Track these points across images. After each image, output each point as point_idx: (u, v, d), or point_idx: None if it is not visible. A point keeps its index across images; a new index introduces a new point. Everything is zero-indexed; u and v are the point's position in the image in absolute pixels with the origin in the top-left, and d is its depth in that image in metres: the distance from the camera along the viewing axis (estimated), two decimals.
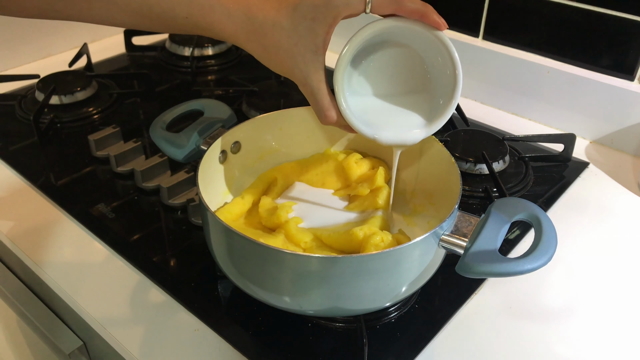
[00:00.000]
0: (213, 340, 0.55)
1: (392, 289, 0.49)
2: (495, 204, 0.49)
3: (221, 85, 1.02)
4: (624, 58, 0.82)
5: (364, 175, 0.63)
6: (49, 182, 0.76)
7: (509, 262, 0.44)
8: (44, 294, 0.69)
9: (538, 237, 0.46)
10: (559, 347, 0.55)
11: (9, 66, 1.07)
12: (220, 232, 0.49)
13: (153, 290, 0.61)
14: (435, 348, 0.54)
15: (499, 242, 0.46)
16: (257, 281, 0.50)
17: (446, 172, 0.56)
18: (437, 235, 0.48)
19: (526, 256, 0.44)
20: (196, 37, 1.09)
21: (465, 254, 0.46)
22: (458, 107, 0.89)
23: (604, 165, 0.83)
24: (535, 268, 0.44)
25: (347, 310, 0.51)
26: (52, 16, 0.48)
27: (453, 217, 0.49)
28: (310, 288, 0.48)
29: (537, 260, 0.44)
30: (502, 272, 0.44)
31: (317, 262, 0.46)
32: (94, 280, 0.62)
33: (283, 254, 0.46)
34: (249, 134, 0.63)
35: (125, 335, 0.56)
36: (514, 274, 0.44)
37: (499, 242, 0.46)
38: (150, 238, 0.67)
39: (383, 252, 0.46)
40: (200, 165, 0.55)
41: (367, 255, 0.47)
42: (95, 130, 0.82)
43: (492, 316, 0.58)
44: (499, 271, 0.44)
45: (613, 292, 0.61)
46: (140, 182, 0.74)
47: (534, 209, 0.48)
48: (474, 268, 0.44)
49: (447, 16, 1.02)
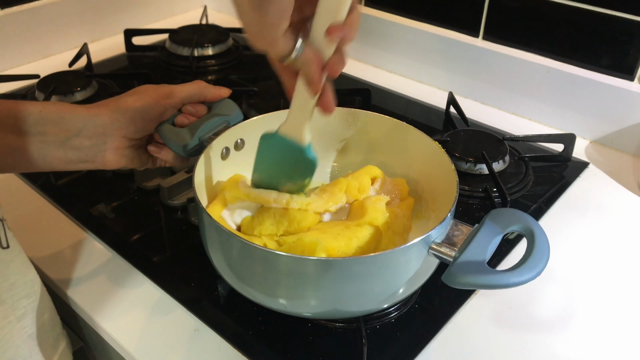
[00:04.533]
0: (213, 340, 0.55)
1: (386, 291, 0.49)
2: (490, 214, 0.48)
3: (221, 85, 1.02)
4: (624, 58, 0.82)
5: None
6: (49, 182, 0.76)
7: (495, 274, 0.43)
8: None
9: (529, 250, 0.45)
10: (559, 347, 0.55)
11: (9, 66, 1.07)
12: (214, 231, 0.49)
13: (153, 290, 0.61)
14: (435, 348, 0.55)
15: (489, 253, 0.45)
16: (254, 283, 0.50)
17: (445, 177, 0.56)
18: (427, 243, 0.47)
19: (514, 269, 0.43)
20: (196, 37, 1.09)
21: (453, 263, 0.45)
22: (458, 107, 0.89)
23: (604, 165, 0.83)
24: (522, 282, 0.43)
25: (342, 312, 0.51)
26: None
27: (444, 225, 0.48)
28: (304, 290, 0.48)
29: (524, 274, 0.43)
30: (487, 284, 0.43)
31: (312, 264, 0.46)
32: (93, 281, 0.62)
33: (277, 256, 0.46)
34: (254, 131, 0.63)
35: (125, 335, 0.56)
36: (500, 286, 0.43)
37: (489, 253, 0.45)
38: (150, 238, 0.67)
39: (373, 255, 0.46)
40: (199, 161, 0.55)
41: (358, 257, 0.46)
42: None
43: (492, 317, 0.58)
44: (484, 283, 0.43)
45: (612, 293, 0.61)
46: (141, 182, 0.74)
47: (528, 221, 0.47)
48: (458, 278, 0.44)
49: (447, 16, 1.02)
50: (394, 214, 0.57)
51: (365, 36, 1.08)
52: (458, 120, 0.89)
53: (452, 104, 0.90)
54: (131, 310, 0.58)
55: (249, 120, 0.61)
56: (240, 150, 0.63)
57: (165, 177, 0.74)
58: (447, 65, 0.99)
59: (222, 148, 0.60)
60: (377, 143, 0.65)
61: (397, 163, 0.64)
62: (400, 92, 1.00)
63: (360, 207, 0.58)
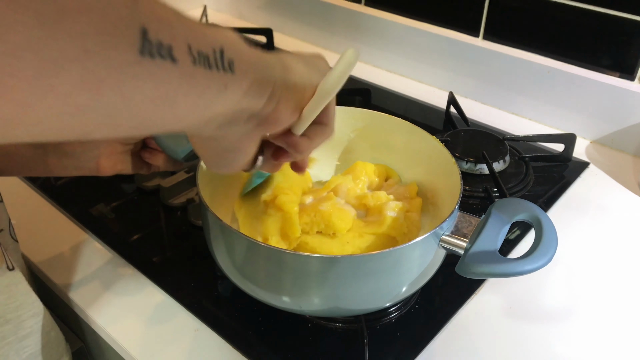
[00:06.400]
0: (213, 340, 0.55)
1: (392, 288, 0.49)
2: (495, 205, 0.49)
3: None
4: (624, 58, 0.82)
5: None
6: (49, 182, 0.76)
7: (508, 262, 0.44)
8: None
9: (538, 237, 0.46)
10: (559, 348, 0.55)
11: None
12: (220, 231, 0.49)
13: (153, 290, 0.60)
14: (436, 348, 0.54)
15: (499, 242, 0.46)
16: (258, 281, 0.50)
17: (447, 173, 0.56)
18: (437, 236, 0.47)
19: (526, 257, 0.44)
20: None
21: (465, 254, 0.46)
22: (458, 106, 0.89)
23: (604, 165, 0.83)
24: (536, 269, 0.44)
25: (347, 310, 0.51)
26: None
27: (453, 218, 0.48)
28: (309, 287, 0.48)
29: (537, 261, 0.44)
30: (501, 273, 0.44)
31: (317, 261, 0.46)
32: (93, 281, 0.62)
33: (283, 254, 0.46)
34: None
35: (125, 336, 0.56)
36: (514, 274, 0.44)
37: (499, 242, 0.46)
38: (150, 238, 0.67)
39: (383, 252, 0.46)
40: (201, 163, 0.54)
41: (366, 255, 0.46)
42: None
43: (492, 316, 0.58)
44: (498, 272, 0.44)
45: (613, 292, 0.61)
46: (140, 182, 0.74)
47: (534, 209, 0.48)
48: (473, 268, 0.44)
49: (447, 16, 1.02)
50: (410, 221, 0.58)
51: (365, 36, 1.08)
52: (458, 120, 0.89)
53: (452, 104, 0.90)
54: (131, 310, 0.58)
55: None
56: None
57: (165, 177, 0.74)
58: (447, 65, 0.99)
59: None
60: (381, 142, 0.65)
61: (399, 161, 0.65)
62: (400, 92, 1.00)
63: (377, 212, 0.58)
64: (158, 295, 0.60)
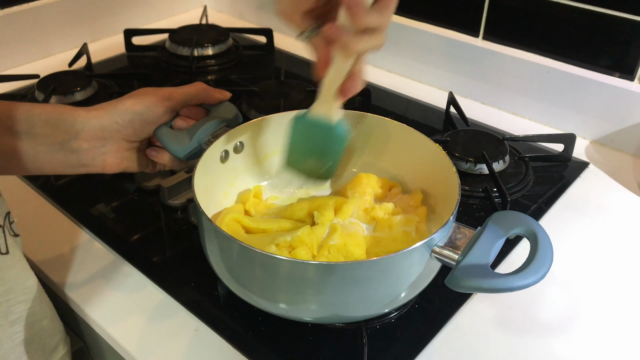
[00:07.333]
0: (213, 340, 0.55)
1: (385, 296, 0.48)
2: (492, 217, 0.48)
3: (221, 85, 1.01)
4: (624, 58, 0.82)
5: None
6: (49, 182, 0.76)
7: (498, 278, 0.43)
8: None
9: (533, 253, 0.45)
10: (559, 348, 0.55)
11: (9, 66, 1.07)
12: (214, 236, 0.49)
13: (153, 290, 0.61)
14: (435, 349, 0.54)
15: (492, 256, 0.45)
16: (252, 287, 0.50)
17: (446, 180, 0.56)
18: (430, 246, 0.47)
19: (518, 272, 0.43)
20: (196, 37, 1.09)
21: (456, 267, 0.45)
22: (458, 107, 0.89)
23: (604, 165, 0.83)
24: (526, 285, 0.42)
25: (342, 317, 0.51)
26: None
27: (447, 229, 0.47)
28: (304, 294, 0.48)
29: (528, 278, 0.43)
30: (491, 288, 0.43)
31: (314, 268, 0.45)
32: (93, 281, 0.62)
33: (277, 260, 0.46)
34: (253, 134, 0.62)
35: (125, 336, 0.56)
36: (504, 290, 0.43)
37: (492, 256, 0.45)
38: (150, 238, 0.67)
39: (372, 260, 0.45)
40: (199, 164, 0.54)
41: (358, 262, 0.46)
42: None
43: (492, 317, 0.58)
44: (488, 287, 0.43)
45: (613, 292, 0.61)
46: (140, 182, 0.74)
47: (531, 223, 0.47)
48: (462, 282, 0.43)
49: (447, 16, 1.02)
50: (421, 233, 0.57)
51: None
52: (458, 120, 0.89)
53: (452, 104, 0.90)
54: (131, 310, 0.58)
55: (248, 123, 0.61)
56: (239, 154, 0.63)
57: (165, 177, 0.74)
58: (447, 65, 0.99)
59: (222, 151, 0.60)
60: (380, 145, 0.65)
61: (398, 165, 0.64)
62: (400, 92, 1.00)
63: (387, 226, 0.57)
64: (158, 294, 0.60)
